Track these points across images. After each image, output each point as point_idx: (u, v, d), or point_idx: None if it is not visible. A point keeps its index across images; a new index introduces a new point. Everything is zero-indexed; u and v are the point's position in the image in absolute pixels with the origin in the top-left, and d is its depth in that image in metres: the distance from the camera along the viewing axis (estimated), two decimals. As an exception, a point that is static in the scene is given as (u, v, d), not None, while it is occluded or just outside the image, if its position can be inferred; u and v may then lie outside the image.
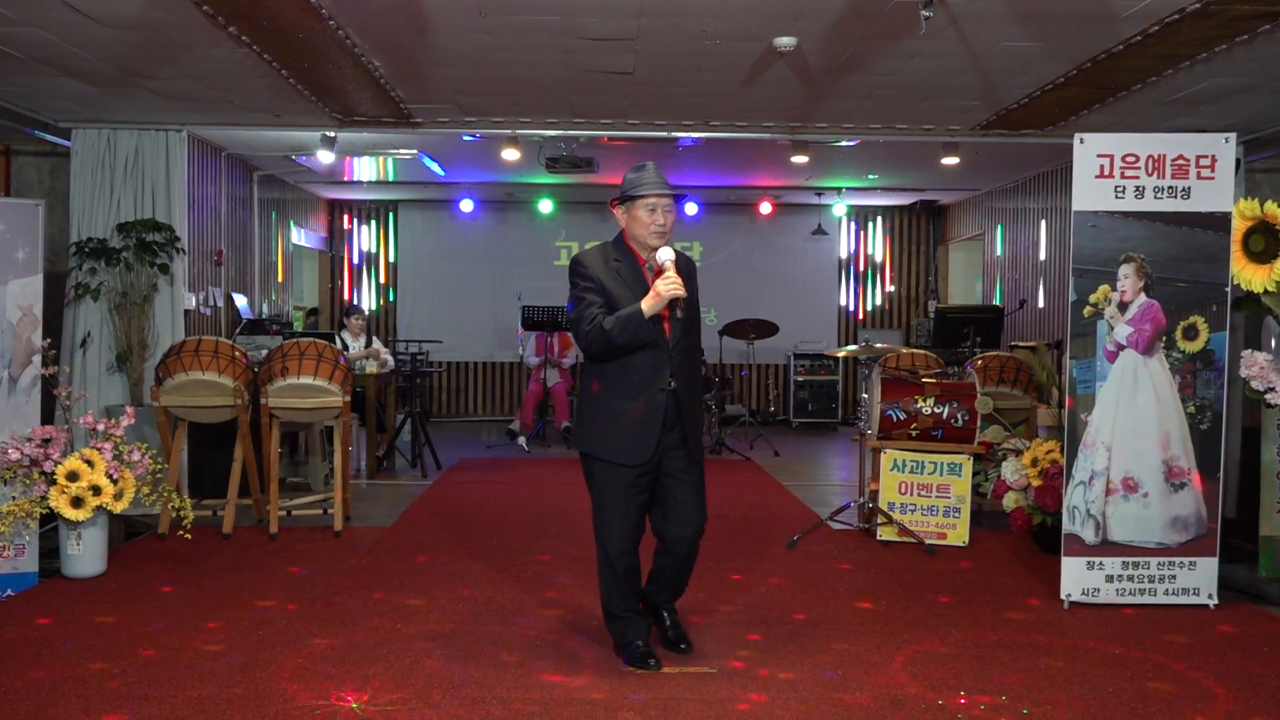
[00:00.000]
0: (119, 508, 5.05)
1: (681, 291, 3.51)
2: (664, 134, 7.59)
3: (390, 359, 8.75)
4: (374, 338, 9.00)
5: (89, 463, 5.00)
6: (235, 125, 7.54)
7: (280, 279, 10.27)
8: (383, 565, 5.29)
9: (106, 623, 4.28)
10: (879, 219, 12.76)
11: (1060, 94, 6.32)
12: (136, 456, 5.16)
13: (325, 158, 8.03)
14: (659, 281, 3.53)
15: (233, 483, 6.04)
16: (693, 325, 3.77)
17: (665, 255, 3.60)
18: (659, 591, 3.91)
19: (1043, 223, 9.63)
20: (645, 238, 3.65)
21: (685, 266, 3.76)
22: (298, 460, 7.74)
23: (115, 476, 5.05)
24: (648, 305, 3.51)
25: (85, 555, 5.02)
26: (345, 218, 12.48)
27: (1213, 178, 4.55)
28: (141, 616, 4.37)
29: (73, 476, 4.95)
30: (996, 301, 10.72)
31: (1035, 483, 5.51)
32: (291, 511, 6.28)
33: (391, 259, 12.52)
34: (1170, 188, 4.56)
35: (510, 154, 7.79)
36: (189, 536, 5.56)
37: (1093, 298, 4.61)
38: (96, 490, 4.97)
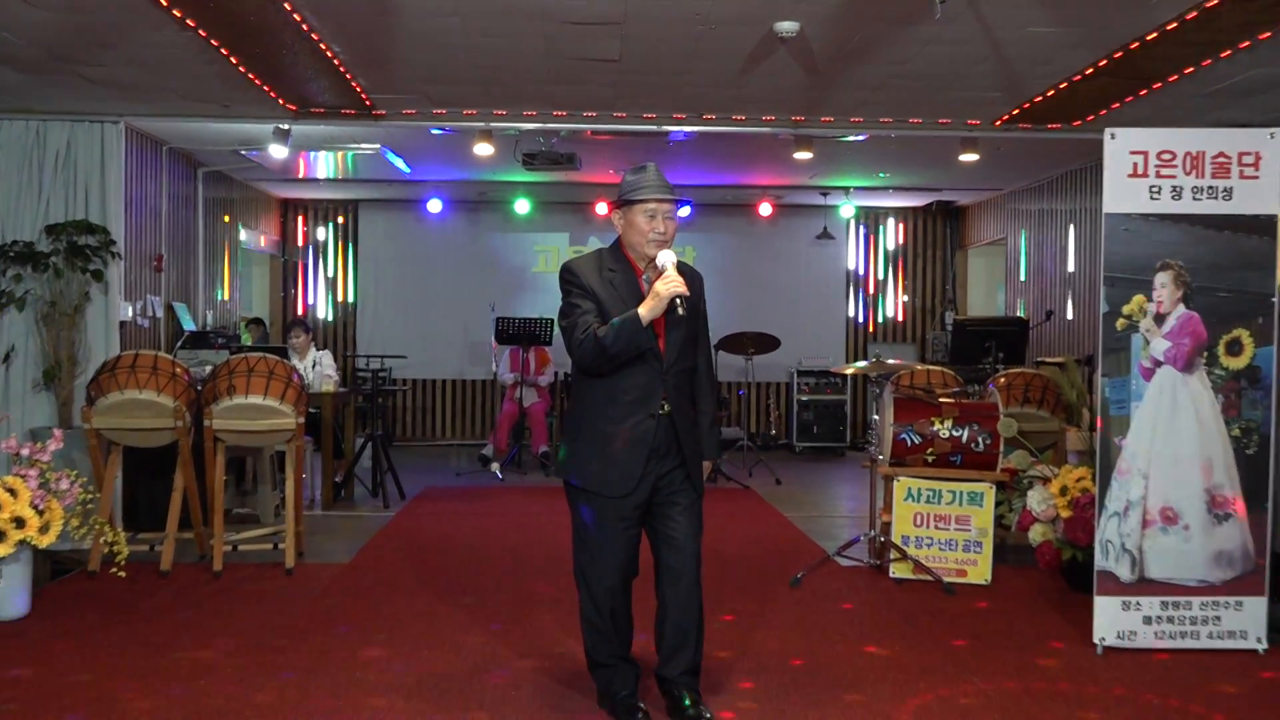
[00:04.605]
0: (45, 542, 5.00)
1: (683, 288, 3.49)
2: (653, 128, 7.61)
3: (334, 373, 8.59)
4: (323, 352, 8.86)
5: (11, 492, 4.96)
6: (179, 116, 7.52)
7: (227, 287, 10.24)
8: (339, 607, 5.26)
9: (24, 674, 4.23)
10: (890, 222, 12.81)
11: (1089, 85, 6.37)
12: (65, 485, 5.12)
13: (278, 152, 8.01)
14: (658, 282, 3.52)
15: (172, 514, 6.00)
16: (694, 345, 3.76)
17: (666, 258, 3.58)
18: (667, 655, 3.70)
19: (1071, 226, 9.69)
20: (643, 246, 3.64)
21: (690, 279, 3.74)
22: (245, 489, 7.69)
23: (41, 507, 5.00)
24: (646, 309, 3.50)
25: (6, 595, 4.96)
26: (300, 219, 12.46)
27: (1257, 177, 4.57)
28: (67, 664, 4.32)
29: (-8, 508, 4.91)
30: (1020, 313, 10.76)
31: (1064, 514, 5.52)
32: (238, 546, 6.24)
33: (351, 265, 12.50)
34: (1210, 188, 4.59)
35: (483, 149, 7.79)
36: (123, 575, 5.51)
37: (1126, 309, 4.63)
38: (20, 523, 4.92)
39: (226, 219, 10.27)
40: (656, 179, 3.66)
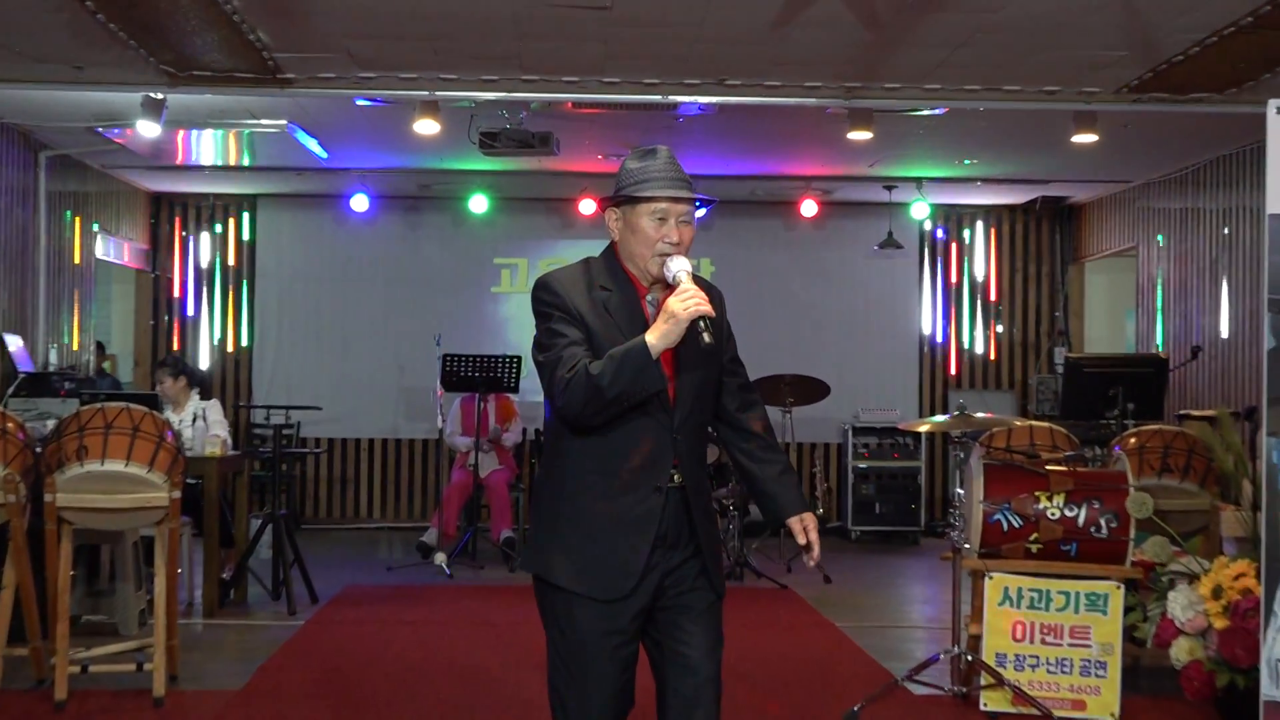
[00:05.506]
0: None
1: (707, 307, 3.43)
2: (656, 98, 7.66)
3: (222, 431, 8.49)
4: (208, 402, 8.82)
5: None
6: (14, 82, 7.57)
7: (77, 311, 10.26)
8: (227, 750, 5.25)
9: None
10: (979, 225, 12.87)
11: (1244, 41, 6.41)
12: None
13: (149, 130, 8.06)
14: (673, 298, 3.46)
15: (0, 621, 6.00)
16: (712, 387, 3.73)
17: (681, 265, 3.54)
18: None
19: (1225, 231, 9.72)
20: (647, 259, 3.64)
21: (710, 298, 3.75)
22: (99, 589, 7.67)
23: None
24: (657, 336, 3.42)
25: None
26: (177, 221, 12.49)
27: None
28: None
29: None
30: (1157, 349, 10.78)
31: (1218, 624, 5.51)
32: (89, 667, 6.21)
33: (246, 282, 12.51)
34: None
35: (427, 126, 7.83)
36: (-70, 706, 5.50)
37: (1299, 344, 4.66)
38: None
39: (78, 220, 10.31)
40: (668, 169, 3.64)
